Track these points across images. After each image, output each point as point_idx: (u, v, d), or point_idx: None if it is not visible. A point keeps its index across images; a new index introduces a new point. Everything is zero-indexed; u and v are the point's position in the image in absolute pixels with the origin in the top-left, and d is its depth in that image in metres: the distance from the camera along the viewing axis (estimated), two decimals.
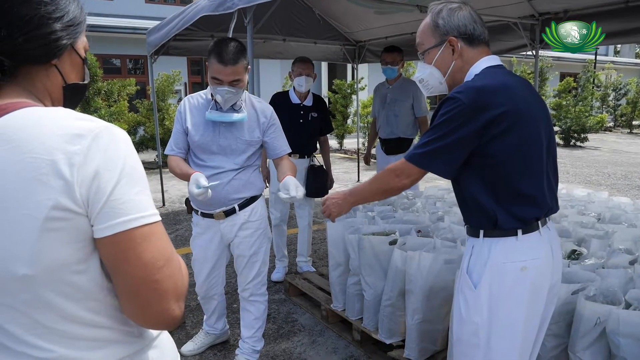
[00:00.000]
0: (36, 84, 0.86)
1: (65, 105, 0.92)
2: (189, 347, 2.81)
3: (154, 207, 0.82)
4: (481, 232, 1.61)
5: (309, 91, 3.87)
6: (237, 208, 2.42)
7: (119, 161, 0.78)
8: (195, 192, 2.13)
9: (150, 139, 10.24)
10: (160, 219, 0.83)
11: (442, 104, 1.55)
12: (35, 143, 0.74)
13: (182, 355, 2.78)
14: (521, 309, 1.59)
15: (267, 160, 3.86)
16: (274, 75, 13.88)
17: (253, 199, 2.47)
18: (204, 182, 2.14)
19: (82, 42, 0.93)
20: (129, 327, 0.87)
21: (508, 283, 1.56)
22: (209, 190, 2.15)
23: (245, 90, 2.41)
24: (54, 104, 0.90)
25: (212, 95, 2.34)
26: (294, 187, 2.19)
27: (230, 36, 3.93)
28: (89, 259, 0.79)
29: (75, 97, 0.96)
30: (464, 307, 1.62)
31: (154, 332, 0.95)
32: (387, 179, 1.69)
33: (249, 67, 2.34)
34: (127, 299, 0.81)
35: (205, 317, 2.85)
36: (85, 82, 0.97)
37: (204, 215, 2.47)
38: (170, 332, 3.49)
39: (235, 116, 2.33)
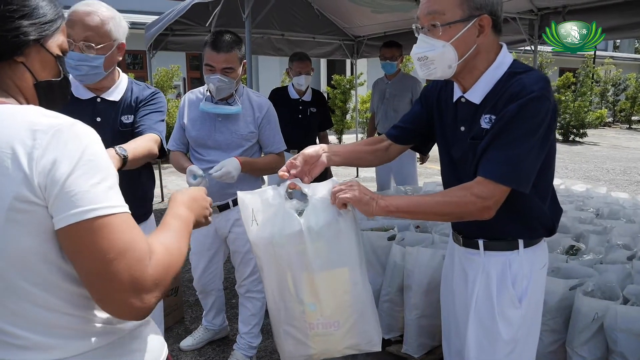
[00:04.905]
0: (6, 81, 0.88)
1: (41, 103, 0.93)
2: (188, 342, 2.81)
3: (113, 199, 0.80)
4: (521, 242, 1.46)
5: (308, 86, 3.86)
6: (230, 204, 2.41)
7: (77, 153, 0.78)
8: (192, 183, 2.16)
9: None
10: (120, 211, 0.81)
11: (525, 106, 1.27)
12: (0, 137, 0.76)
13: (180, 350, 2.78)
14: (541, 307, 1.57)
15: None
16: (273, 71, 13.83)
17: None
18: (198, 171, 2.17)
19: (55, 41, 0.93)
20: (105, 317, 0.88)
21: (540, 286, 1.51)
22: (206, 179, 2.16)
23: (244, 86, 2.40)
24: (28, 102, 0.91)
25: (208, 89, 2.34)
26: (219, 165, 2.16)
27: (214, 24, 3.91)
28: (56, 250, 0.80)
29: (51, 95, 0.95)
30: (506, 330, 1.46)
31: (135, 323, 0.94)
32: (468, 206, 1.33)
33: (245, 61, 2.33)
34: (88, 289, 0.82)
35: (204, 312, 2.85)
36: (59, 79, 0.96)
37: None
38: (170, 327, 3.45)
39: (230, 109, 2.31)
